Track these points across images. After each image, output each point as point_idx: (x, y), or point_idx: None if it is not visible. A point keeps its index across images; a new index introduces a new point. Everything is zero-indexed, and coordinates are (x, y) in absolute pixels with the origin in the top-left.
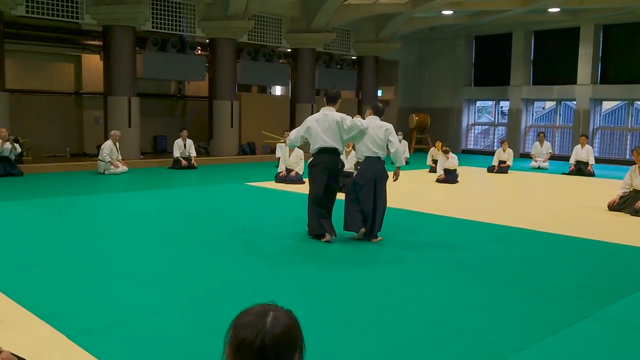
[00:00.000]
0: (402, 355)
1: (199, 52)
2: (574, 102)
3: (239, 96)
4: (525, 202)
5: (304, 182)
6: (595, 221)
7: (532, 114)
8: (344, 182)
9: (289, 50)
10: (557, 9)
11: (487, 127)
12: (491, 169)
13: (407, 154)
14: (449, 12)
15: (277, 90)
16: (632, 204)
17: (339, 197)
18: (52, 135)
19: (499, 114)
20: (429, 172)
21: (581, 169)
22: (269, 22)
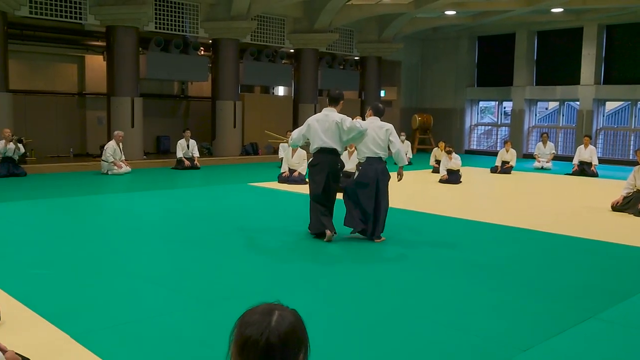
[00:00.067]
0: (406, 354)
1: (202, 52)
2: (577, 103)
3: (242, 97)
4: (528, 203)
5: (306, 183)
6: (598, 222)
7: (535, 115)
8: (344, 182)
9: (292, 50)
10: (560, 9)
11: (490, 127)
12: (494, 170)
13: (410, 155)
14: (452, 13)
15: (280, 90)
16: (635, 205)
17: (339, 197)
18: (56, 135)
19: (502, 115)
20: (432, 172)
21: (584, 170)
22: (271, 23)
